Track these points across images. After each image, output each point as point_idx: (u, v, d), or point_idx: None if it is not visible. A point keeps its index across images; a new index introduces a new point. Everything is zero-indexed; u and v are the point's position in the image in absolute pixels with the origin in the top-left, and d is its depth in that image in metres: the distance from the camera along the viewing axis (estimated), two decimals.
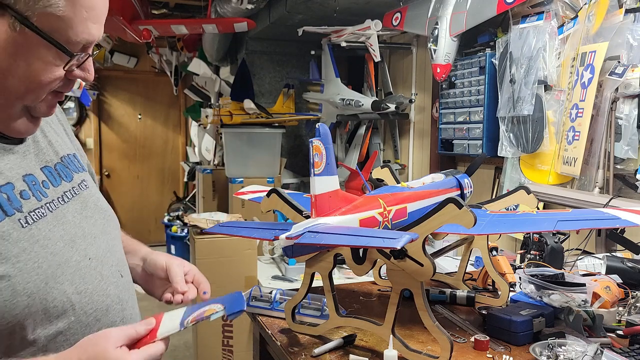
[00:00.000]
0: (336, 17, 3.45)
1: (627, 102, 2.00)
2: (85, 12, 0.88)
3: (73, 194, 1.05)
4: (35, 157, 1.01)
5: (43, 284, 0.90)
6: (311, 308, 1.47)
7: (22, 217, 0.91)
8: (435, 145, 3.25)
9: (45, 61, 0.87)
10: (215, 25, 3.97)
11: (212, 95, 5.48)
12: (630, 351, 1.19)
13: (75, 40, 0.88)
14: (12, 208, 0.91)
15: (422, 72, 3.66)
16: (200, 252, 2.90)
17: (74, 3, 0.86)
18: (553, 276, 1.62)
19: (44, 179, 1.00)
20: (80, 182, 1.08)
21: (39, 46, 0.86)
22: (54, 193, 1.00)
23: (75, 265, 0.97)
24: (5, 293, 0.85)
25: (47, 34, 0.85)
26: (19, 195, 0.93)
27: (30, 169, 0.98)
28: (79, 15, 0.87)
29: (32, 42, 0.85)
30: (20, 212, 0.92)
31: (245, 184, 3.66)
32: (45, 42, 0.85)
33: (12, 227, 0.89)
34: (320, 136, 1.13)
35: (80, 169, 1.12)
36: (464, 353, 1.26)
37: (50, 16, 0.84)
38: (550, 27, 2.32)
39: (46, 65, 0.88)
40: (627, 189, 2.05)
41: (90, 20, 0.89)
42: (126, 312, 1.08)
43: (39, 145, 1.03)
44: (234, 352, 3.05)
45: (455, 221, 1.08)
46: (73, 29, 0.87)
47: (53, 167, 1.03)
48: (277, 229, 1.16)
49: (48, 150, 1.05)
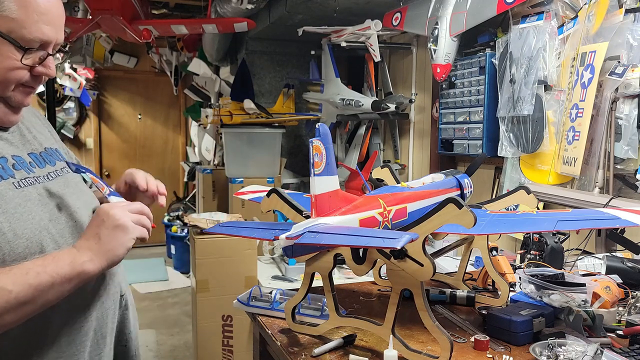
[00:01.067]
0: (336, 17, 3.45)
1: (627, 102, 2.00)
2: (36, 15, 1.06)
3: (57, 174, 1.21)
4: (22, 145, 1.18)
5: (37, 231, 1.06)
6: (311, 308, 1.47)
7: (15, 182, 1.08)
8: (435, 145, 3.25)
9: (5, 55, 1.05)
10: (215, 25, 3.97)
11: (212, 95, 5.48)
12: (630, 351, 1.19)
13: (29, 38, 1.06)
14: (6, 174, 1.08)
15: (422, 72, 3.66)
16: (200, 252, 2.90)
17: (25, 8, 1.05)
18: (553, 276, 1.62)
19: (30, 160, 1.17)
20: (62, 167, 1.25)
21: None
22: (40, 172, 1.17)
23: (63, 223, 1.14)
24: (8, 235, 1.01)
25: (4, 32, 1.04)
26: (11, 166, 1.10)
27: (17, 152, 1.15)
28: (31, 18, 1.06)
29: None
30: (13, 177, 1.09)
31: (245, 184, 3.67)
32: (2, 39, 1.04)
33: (7, 188, 1.06)
34: (320, 136, 1.13)
35: (61, 159, 1.28)
36: (464, 353, 1.26)
37: (5, 19, 1.04)
38: (550, 27, 2.32)
39: (5, 59, 1.05)
40: (627, 189, 2.05)
41: (42, 22, 1.07)
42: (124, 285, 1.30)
43: (25, 137, 1.20)
44: (234, 352, 3.05)
45: (455, 221, 1.08)
46: (26, 29, 1.05)
47: (38, 154, 1.20)
48: (277, 229, 1.16)
49: (33, 141, 1.22)
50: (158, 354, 4.20)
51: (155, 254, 6.69)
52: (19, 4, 1.04)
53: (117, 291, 1.28)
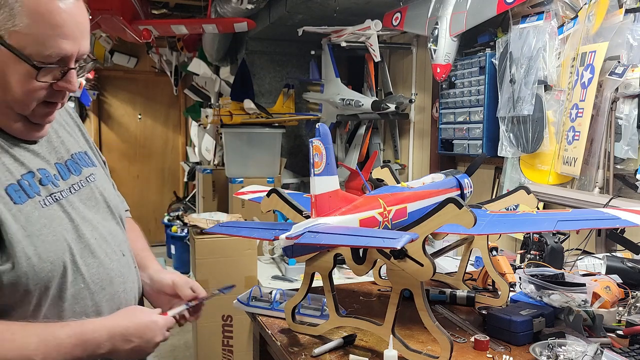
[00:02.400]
0: (336, 17, 3.45)
1: (627, 102, 2.00)
2: (51, 29, 0.98)
3: (80, 185, 1.17)
4: (49, 154, 1.14)
5: (61, 253, 1.04)
6: (311, 308, 1.47)
7: (41, 200, 1.06)
8: (435, 145, 3.25)
9: (19, 74, 0.99)
10: (215, 25, 3.97)
11: (212, 95, 5.48)
12: (630, 351, 1.19)
13: (46, 54, 0.98)
14: (33, 192, 1.05)
15: (422, 72, 3.66)
16: (200, 252, 2.90)
17: (38, 22, 0.97)
18: (553, 276, 1.62)
19: (55, 172, 1.13)
20: (88, 176, 1.21)
21: (13, 61, 0.98)
22: (64, 185, 1.13)
23: (85, 242, 1.11)
24: (33, 260, 1.00)
25: (18, 50, 0.97)
26: (38, 182, 1.07)
27: (43, 164, 1.11)
28: (44, 32, 0.98)
29: (8, 58, 0.97)
30: (39, 195, 1.06)
31: (245, 184, 3.67)
32: (16, 57, 0.97)
33: (34, 208, 1.03)
34: (320, 136, 1.13)
35: (90, 164, 1.24)
36: (464, 353, 1.26)
37: (18, 34, 0.96)
38: (550, 27, 2.32)
39: (21, 77, 0.99)
40: (627, 189, 2.05)
41: (59, 37, 0.99)
42: (127, 285, 1.21)
43: (52, 144, 1.16)
44: (234, 352, 3.05)
45: (455, 221, 1.08)
46: (43, 45, 0.98)
47: (64, 163, 1.16)
48: (277, 229, 1.16)
49: (60, 148, 1.18)
50: (158, 354, 4.17)
51: (155, 254, 6.63)
52: (32, 18, 0.96)
53: None
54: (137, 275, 1.29)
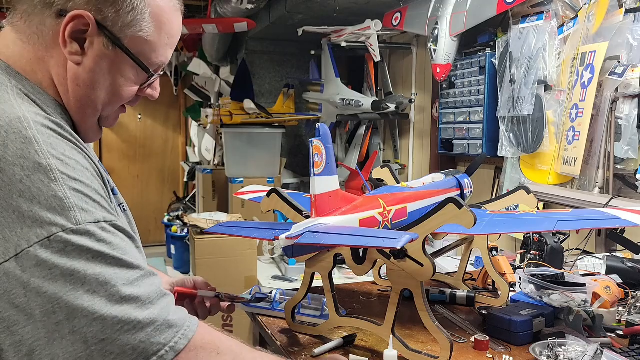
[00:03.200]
0: (336, 17, 3.45)
1: (627, 102, 1.99)
2: (168, 38, 1.00)
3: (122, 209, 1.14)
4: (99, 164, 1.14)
5: None
6: (311, 308, 1.47)
7: (118, 206, 1.05)
8: (435, 145, 3.25)
9: (127, 78, 0.98)
10: (215, 25, 3.97)
11: (212, 95, 5.48)
12: (630, 351, 1.19)
13: (155, 62, 1.00)
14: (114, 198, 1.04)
15: (422, 72, 3.66)
16: (200, 252, 2.90)
17: (160, 30, 0.97)
18: (553, 276, 1.61)
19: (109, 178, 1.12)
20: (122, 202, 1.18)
21: (126, 65, 0.97)
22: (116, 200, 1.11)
23: None
24: None
25: (135, 55, 0.96)
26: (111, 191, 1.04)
27: None
28: (162, 40, 0.99)
29: (121, 61, 0.96)
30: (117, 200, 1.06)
31: (245, 184, 3.66)
32: (131, 61, 0.96)
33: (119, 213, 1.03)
34: (320, 136, 1.13)
35: None
36: (464, 353, 1.26)
37: (139, 40, 0.96)
38: (550, 27, 2.32)
39: (127, 81, 0.99)
40: (627, 189, 2.05)
41: (169, 46, 1.01)
42: None
43: None
44: None
45: (455, 221, 1.08)
46: (155, 52, 0.98)
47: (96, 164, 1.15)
48: (277, 229, 1.16)
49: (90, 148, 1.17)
50: None
51: (155, 254, 6.69)
52: (156, 25, 0.96)
53: None
54: None
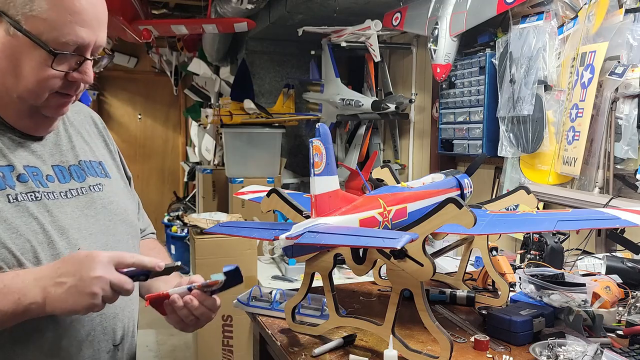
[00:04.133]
0: (336, 17, 3.45)
1: (627, 102, 1.99)
2: (69, 15, 0.96)
3: (79, 192, 1.10)
4: (50, 156, 1.09)
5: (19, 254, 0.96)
6: (311, 308, 1.47)
7: (11, 194, 0.98)
8: (435, 145, 3.25)
9: (35, 61, 0.96)
10: (215, 25, 3.97)
11: (212, 95, 5.48)
12: (630, 351, 1.19)
13: (63, 41, 0.96)
14: (4, 184, 0.98)
15: (422, 72, 3.66)
16: (200, 252, 2.90)
17: (57, 7, 0.95)
18: (553, 276, 1.61)
19: (49, 173, 1.07)
20: (94, 185, 1.14)
21: (29, 47, 0.95)
22: (58, 187, 1.07)
23: (59, 250, 1.01)
24: None
25: (36, 36, 0.94)
26: (16, 177, 1.01)
27: (35, 163, 1.06)
28: (63, 18, 0.95)
29: (23, 44, 0.95)
30: (11, 189, 0.99)
31: (245, 184, 3.66)
32: (33, 43, 0.95)
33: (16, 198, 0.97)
34: (320, 136, 1.13)
35: (100, 174, 1.18)
36: (464, 353, 1.26)
37: (36, 19, 0.94)
38: (550, 27, 2.32)
39: (36, 64, 0.96)
40: (627, 189, 2.05)
41: (77, 24, 0.97)
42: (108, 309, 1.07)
43: (60, 147, 1.12)
44: (234, 352, 3.05)
45: (455, 221, 1.08)
46: (58, 31, 0.95)
47: (66, 168, 1.11)
48: (277, 229, 1.16)
49: (67, 153, 1.13)
50: (158, 354, 4.20)
51: None
52: (51, 3, 0.94)
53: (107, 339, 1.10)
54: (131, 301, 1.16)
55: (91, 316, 1.05)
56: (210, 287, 1.08)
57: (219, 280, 1.07)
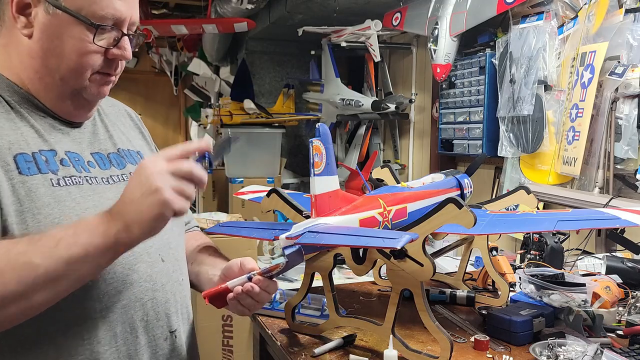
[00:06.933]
0: (336, 17, 3.45)
1: (627, 102, 1.99)
2: None
3: (120, 179, 1.09)
4: (89, 144, 1.09)
5: None
6: (311, 308, 1.47)
7: (54, 178, 0.97)
8: (435, 145, 3.25)
9: (76, 37, 0.97)
10: (215, 25, 3.97)
11: (212, 95, 5.48)
12: (630, 351, 1.19)
13: (101, 15, 0.97)
14: (47, 168, 0.97)
15: (422, 72, 3.66)
16: None
17: None
18: (553, 276, 1.61)
19: (90, 160, 1.07)
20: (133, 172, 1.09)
21: (70, 24, 0.97)
22: (99, 173, 1.06)
23: None
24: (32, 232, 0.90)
25: (75, 11, 0.96)
26: (59, 162, 1.00)
27: (76, 149, 1.05)
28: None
29: (64, 21, 0.97)
30: (54, 173, 0.97)
31: (245, 184, 3.66)
32: (73, 18, 0.96)
33: (41, 183, 0.95)
34: (320, 136, 1.13)
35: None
36: (464, 353, 1.26)
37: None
38: (550, 27, 2.32)
39: (77, 41, 0.97)
40: (627, 189, 2.05)
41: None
42: (159, 294, 1.07)
43: (97, 136, 1.12)
44: (234, 352, 3.05)
45: (455, 221, 1.08)
46: (97, 4, 0.97)
47: (105, 155, 1.11)
48: (277, 229, 1.16)
49: (105, 142, 1.13)
50: None
51: None
52: None
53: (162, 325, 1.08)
54: (181, 286, 1.15)
55: (142, 300, 1.04)
56: (271, 272, 1.06)
57: (280, 264, 1.05)
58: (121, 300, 1.01)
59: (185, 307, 1.18)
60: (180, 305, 1.15)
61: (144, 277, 1.05)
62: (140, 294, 1.04)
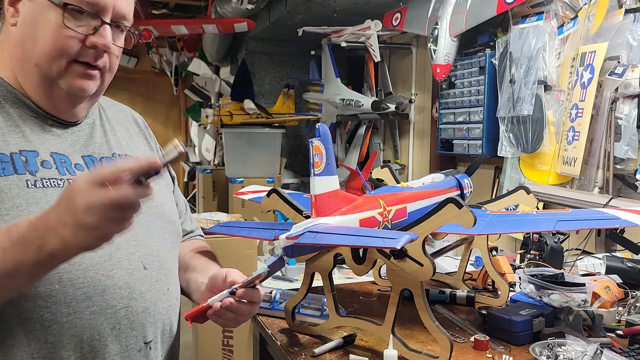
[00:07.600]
0: (336, 17, 3.45)
1: (627, 102, 1.99)
2: None
3: None
4: (82, 146, 1.07)
5: None
6: (311, 308, 1.47)
7: (31, 179, 0.94)
8: (435, 145, 3.25)
9: (51, 22, 0.95)
10: (215, 25, 3.97)
11: (212, 95, 5.48)
12: (630, 351, 1.19)
13: None
14: (25, 169, 0.95)
15: (422, 72, 3.66)
16: None
17: None
18: (553, 276, 1.61)
19: (78, 162, 1.04)
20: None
21: (46, 9, 0.95)
22: None
23: None
24: None
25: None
26: (39, 163, 0.97)
27: (64, 151, 1.03)
28: None
29: (41, 7, 0.96)
30: (32, 175, 0.95)
31: (245, 184, 3.66)
32: (49, 3, 0.94)
33: (15, 184, 0.92)
34: (320, 136, 1.13)
35: None
36: (464, 353, 1.26)
37: None
38: (550, 27, 2.32)
39: (52, 25, 0.95)
40: (627, 189, 2.05)
41: None
42: (136, 302, 1.02)
43: (94, 139, 1.10)
44: (234, 352, 3.05)
45: (455, 221, 1.08)
46: None
47: (97, 158, 1.08)
48: (277, 229, 1.16)
49: (101, 146, 1.10)
50: None
51: None
52: None
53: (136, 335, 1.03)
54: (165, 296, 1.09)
55: (115, 308, 0.99)
56: (253, 282, 1.03)
57: (262, 274, 1.03)
58: (90, 306, 0.96)
59: (167, 317, 1.11)
60: (161, 316, 1.08)
61: (120, 284, 0.99)
62: (113, 301, 0.98)
